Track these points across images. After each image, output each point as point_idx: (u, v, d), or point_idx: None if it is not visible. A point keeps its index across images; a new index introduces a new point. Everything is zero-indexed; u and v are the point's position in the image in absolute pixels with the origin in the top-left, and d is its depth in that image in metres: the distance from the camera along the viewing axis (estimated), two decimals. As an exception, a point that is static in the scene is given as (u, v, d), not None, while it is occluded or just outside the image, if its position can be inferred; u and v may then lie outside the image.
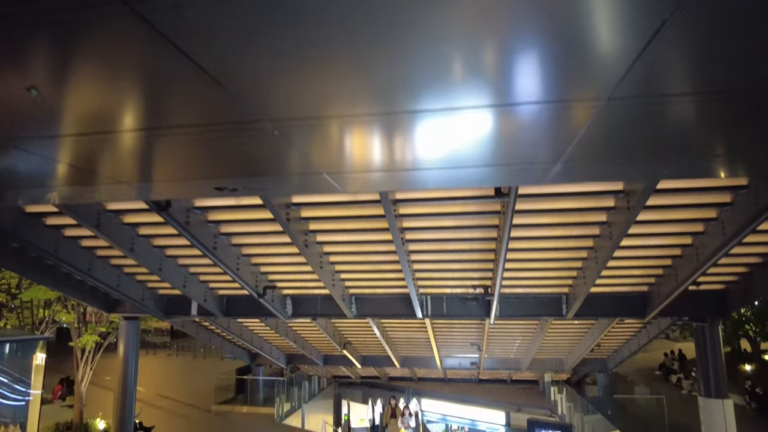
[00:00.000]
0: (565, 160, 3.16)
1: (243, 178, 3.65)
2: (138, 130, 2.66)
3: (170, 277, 10.29)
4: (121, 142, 2.84)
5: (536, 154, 3.13)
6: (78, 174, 3.38)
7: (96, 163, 3.29)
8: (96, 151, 3.05)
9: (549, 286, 10.70)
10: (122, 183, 3.69)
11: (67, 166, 3.35)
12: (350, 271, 10.55)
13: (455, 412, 14.24)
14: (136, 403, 17.86)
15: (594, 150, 3.01)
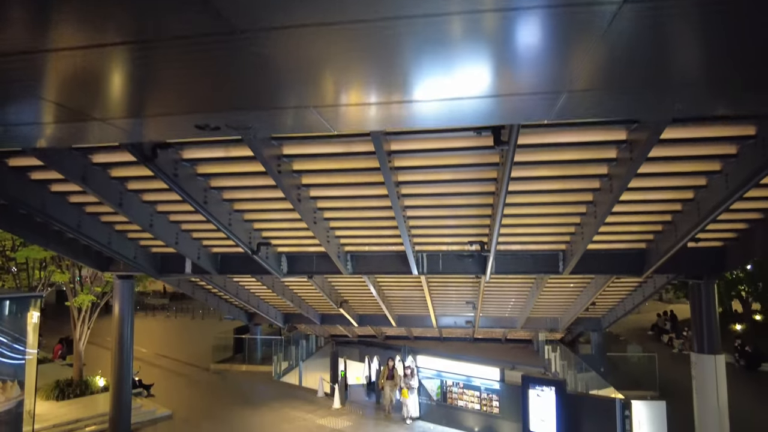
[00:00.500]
0: (572, 89, 2.92)
1: (224, 112, 3.40)
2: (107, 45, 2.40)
3: (162, 233, 10.12)
4: (90, 61, 2.58)
5: (541, 82, 2.89)
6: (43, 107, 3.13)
7: (64, 92, 3.04)
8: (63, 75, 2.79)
9: (546, 243, 10.59)
10: (94, 119, 3.44)
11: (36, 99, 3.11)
12: (345, 228, 10.39)
13: (450, 369, 14.37)
14: (134, 361, 18.12)
15: (604, 75, 2.77)
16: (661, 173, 7.65)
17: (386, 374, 15.31)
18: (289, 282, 15.93)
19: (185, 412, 15.17)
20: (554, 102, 3.24)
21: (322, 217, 9.69)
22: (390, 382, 15.15)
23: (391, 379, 15.16)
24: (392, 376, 15.18)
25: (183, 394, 17.25)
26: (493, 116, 3.67)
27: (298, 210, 8.59)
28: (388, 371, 15.31)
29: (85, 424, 13.59)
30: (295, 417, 14.80)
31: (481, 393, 13.57)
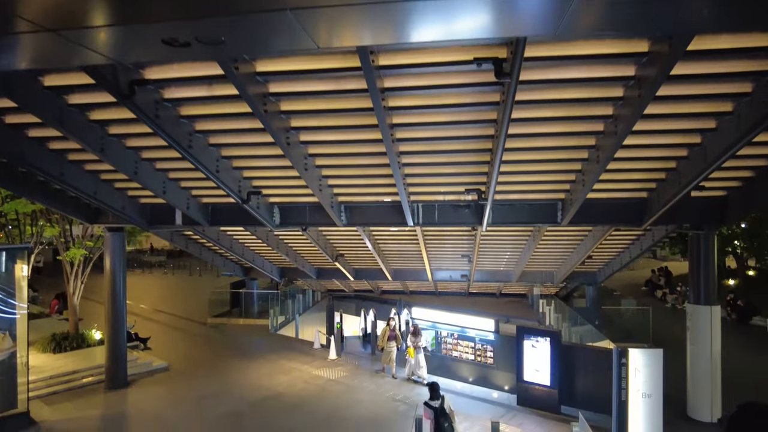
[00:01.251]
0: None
1: (194, 21, 3.00)
2: None
3: (148, 181, 9.77)
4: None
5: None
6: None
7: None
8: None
9: (545, 192, 10.30)
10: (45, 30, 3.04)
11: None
12: (338, 176, 10.05)
13: (445, 320, 14.38)
14: (129, 316, 18.12)
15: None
16: (668, 114, 7.28)
17: (386, 335, 14.02)
18: (283, 235, 15.74)
19: (182, 364, 15.28)
20: (564, 9, 2.86)
21: (314, 165, 9.34)
22: (391, 343, 13.96)
23: (392, 340, 13.97)
24: (394, 336, 13.99)
25: (180, 347, 17.36)
26: (495, 27, 3.27)
27: (288, 156, 8.23)
28: (390, 331, 13.98)
29: (81, 376, 13.63)
30: (291, 368, 14.92)
31: (476, 344, 13.64)
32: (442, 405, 8.05)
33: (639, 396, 7.42)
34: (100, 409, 11.75)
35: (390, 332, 13.94)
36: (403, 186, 9.65)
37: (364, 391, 13.06)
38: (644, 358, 7.41)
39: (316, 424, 10.85)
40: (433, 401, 8.09)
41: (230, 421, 10.98)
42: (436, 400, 8.10)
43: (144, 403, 12.03)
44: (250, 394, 12.66)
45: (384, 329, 14.16)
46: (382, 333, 14.10)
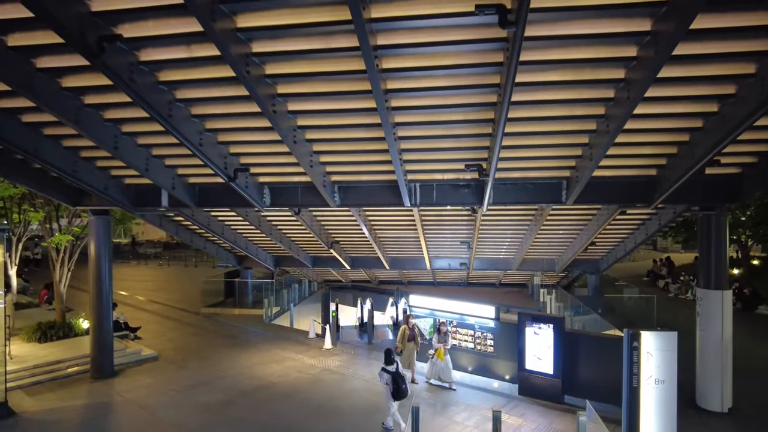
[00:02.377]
0: None
1: None
2: None
3: (129, 157, 9.22)
4: None
5: None
6: None
7: None
8: None
9: (549, 168, 9.78)
10: None
11: None
12: (330, 152, 9.49)
13: (443, 307, 13.87)
14: (119, 306, 17.67)
15: None
16: (684, 78, 6.75)
17: (407, 335, 12.23)
18: (276, 219, 15.21)
19: (172, 354, 14.79)
20: None
21: (303, 138, 8.79)
22: (411, 345, 12.26)
23: (412, 340, 12.30)
24: (413, 336, 12.33)
25: (171, 336, 16.86)
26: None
27: (276, 127, 7.67)
28: (409, 331, 12.28)
29: (66, 365, 13.12)
30: (285, 357, 14.44)
31: (475, 331, 13.14)
32: (397, 369, 9.12)
33: (651, 382, 6.92)
34: (83, 399, 11.26)
35: (409, 331, 12.30)
36: (400, 163, 9.11)
37: (360, 379, 12.58)
38: (657, 341, 6.91)
39: (308, 413, 10.37)
40: (389, 366, 9.12)
41: (218, 411, 10.50)
42: (391, 365, 9.13)
43: (130, 393, 11.54)
44: (241, 384, 12.18)
45: (402, 329, 12.41)
46: (401, 333, 12.36)
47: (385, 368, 9.12)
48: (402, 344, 12.23)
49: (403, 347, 12.22)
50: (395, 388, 8.87)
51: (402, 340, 12.26)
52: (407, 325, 12.44)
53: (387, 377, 8.99)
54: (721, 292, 10.44)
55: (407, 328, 12.33)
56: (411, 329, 12.37)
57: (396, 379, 8.89)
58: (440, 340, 12.07)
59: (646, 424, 6.96)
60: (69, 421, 9.98)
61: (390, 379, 8.93)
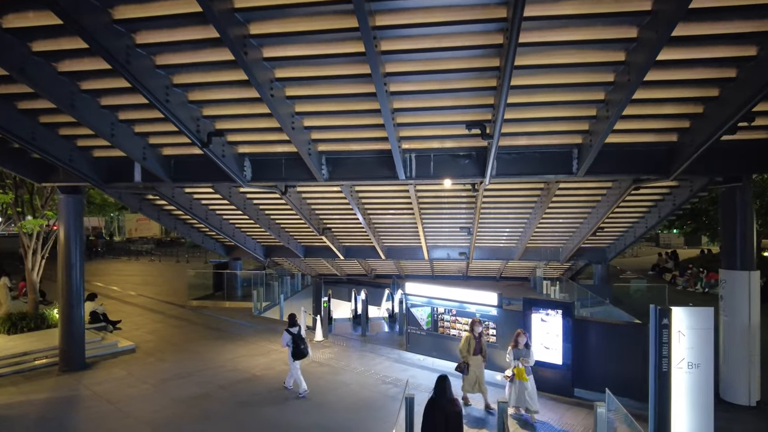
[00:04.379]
0: None
1: None
2: None
3: (90, 119, 8.23)
4: None
5: None
6: None
7: None
8: None
9: (559, 134, 8.81)
10: None
11: None
12: (315, 113, 8.48)
13: (442, 295, 12.88)
14: (106, 300, 16.66)
15: None
16: (721, 8, 5.78)
17: (472, 345, 9.33)
18: (261, 201, 14.20)
19: (151, 346, 13.79)
20: None
21: (284, 96, 7.80)
22: (477, 358, 9.33)
23: (479, 353, 9.36)
24: (481, 348, 9.38)
25: (154, 328, 15.85)
26: None
27: (251, 77, 6.69)
28: (475, 341, 9.34)
29: (34, 357, 12.12)
30: (272, 350, 13.44)
31: (477, 321, 12.16)
32: (299, 332, 9.85)
33: (684, 366, 5.93)
34: (47, 393, 10.26)
35: (475, 341, 9.33)
36: (393, 127, 8.15)
37: (351, 372, 11.59)
38: (691, 318, 5.93)
39: (291, 407, 9.38)
40: (293, 328, 9.87)
41: (192, 405, 9.50)
42: (294, 327, 9.89)
43: (99, 387, 10.54)
44: (222, 377, 11.18)
45: (466, 337, 9.44)
46: (464, 342, 9.41)
47: (289, 330, 9.83)
48: (467, 355, 9.33)
49: (469, 360, 9.29)
50: (295, 348, 9.65)
51: (466, 352, 9.36)
52: (472, 332, 9.44)
53: (288, 338, 9.75)
54: (748, 273, 9.47)
55: (472, 336, 9.38)
56: (478, 338, 9.37)
57: (296, 341, 9.68)
58: (517, 355, 8.86)
59: (678, 416, 5.97)
60: (25, 417, 8.97)
61: (291, 341, 9.71)
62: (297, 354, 9.69)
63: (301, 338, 9.77)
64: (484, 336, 9.69)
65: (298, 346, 9.66)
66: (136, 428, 8.47)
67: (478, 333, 9.42)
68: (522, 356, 8.85)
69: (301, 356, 9.72)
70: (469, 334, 9.46)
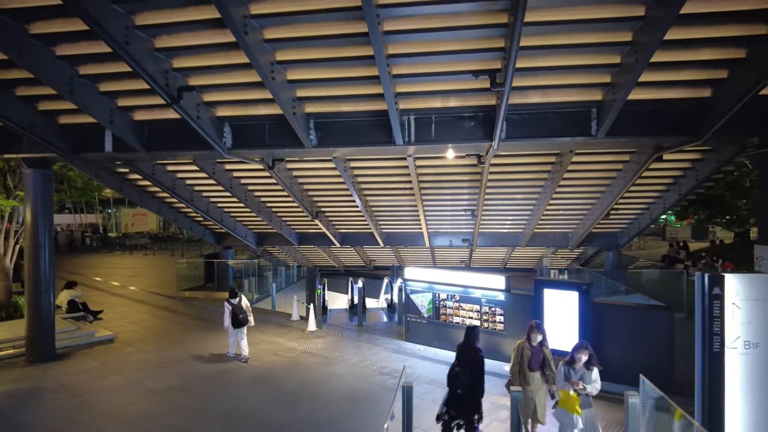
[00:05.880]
0: None
1: None
2: None
3: (45, 71, 7.21)
4: None
5: None
6: None
7: None
8: None
9: (577, 88, 7.77)
10: None
11: None
12: (299, 62, 7.41)
13: (444, 279, 11.85)
14: (77, 285, 15.66)
15: None
16: None
17: (526, 357, 6.71)
18: (249, 179, 13.15)
19: (132, 336, 12.80)
20: None
21: (261, 39, 6.77)
22: (536, 375, 6.71)
23: (538, 369, 6.72)
24: (543, 363, 6.73)
25: (137, 319, 14.84)
26: None
27: (222, 10, 5.67)
28: (530, 351, 6.71)
29: (0, 348, 11.16)
30: (261, 340, 12.43)
31: (482, 307, 11.13)
32: (239, 303, 10.63)
33: (739, 346, 4.88)
34: (7, 384, 9.27)
35: (530, 351, 6.72)
36: (389, 80, 7.12)
37: (345, 363, 10.59)
38: (748, 287, 4.88)
39: (275, 400, 8.38)
40: (234, 299, 10.65)
41: (166, 398, 8.51)
42: (234, 298, 10.67)
43: (67, 378, 9.55)
44: (202, 368, 10.20)
45: (518, 345, 6.86)
46: (515, 354, 6.84)
47: (229, 300, 10.67)
48: (516, 374, 6.78)
49: (522, 381, 6.72)
50: (234, 318, 10.54)
51: (517, 369, 6.77)
52: (528, 339, 6.74)
53: (230, 308, 10.60)
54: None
55: (527, 345, 6.73)
56: (537, 348, 6.70)
57: (235, 311, 10.54)
58: (568, 374, 6.04)
59: (732, 406, 4.93)
60: (-24, 410, 7.99)
61: (231, 310, 10.56)
62: (236, 323, 10.58)
63: (240, 308, 10.60)
64: (547, 347, 6.85)
65: (237, 315, 10.52)
66: (97, 423, 7.47)
67: (538, 342, 6.71)
68: (576, 378, 5.96)
69: (239, 325, 10.59)
70: (523, 342, 6.83)
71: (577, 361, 6.09)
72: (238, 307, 10.59)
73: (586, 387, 5.87)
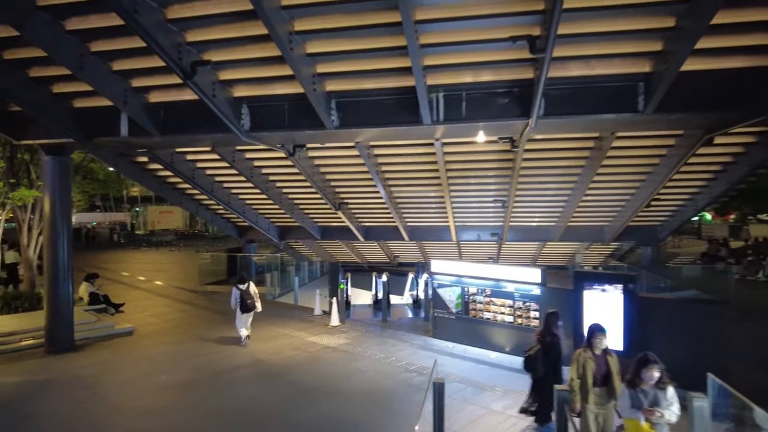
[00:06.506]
0: None
1: None
2: None
3: (49, 44, 6.85)
4: None
5: None
6: None
7: None
8: None
9: (623, 58, 7.02)
10: None
11: None
12: (319, 32, 6.84)
13: (474, 272, 11.19)
14: (98, 277, 15.56)
15: None
16: None
17: (590, 369, 5.38)
18: (271, 171, 12.74)
19: (150, 329, 12.53)
20: None
21: (279, 6, 6.25)
22: (602, 391, 5.44)
23: (603, 385, 5.43)
24: (606, 375, 5.41)
25: (158, 312, 14.61)
26: None
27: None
28: (594, 360, 5.43)
29: (20, 337, 10.98)
30: (281, 334, 12.01)
31: (515, 301, 10.44)
32: (248, 288, 10.86)
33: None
34: (23, 375, 9.03)
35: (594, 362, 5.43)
36: (417, 50, 6.53)
37: (368, 359, 10.04)
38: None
39: (293, 397, 7.88)
40: (242, 285, 10.90)
41: (178, 392, 8.11)
42: (243, 284, 10.92)
43: (82, 370, 9.26)
44: (219, 362, 9.79)
45: (577, 355, 5.54)
46: (575, 365, 5.50)
47: (238, 286, 10.93)
48: (577, 388, 5.41)
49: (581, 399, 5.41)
50: (242, 302, 10.77)
51: (578, 385, 5.40)
52: (590, 346, 5.46)
53: (237, 293, 10.84)
54: None
55: (589, 354, 5.42)
56: (601, 356, 5.43)
57: (243, 296, 10.79)
58: (637, 400, 4.72)
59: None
60: (-13, 400, 7.73)
61: (239, 296, 10.80)
62: (243, 308, 10.82)
63: (248, 293, 10.81)
64: (612, 354, 5.46)
65: (245, 300, 10.75)
66: (106, 417, 7.09)
67: (603, 349, 5.41)
68: (648, 403, 4.63)
69: (247, 310, 10.84)
70: (583, 350, 5.46)
71: (646, 381, 4.69)
72: (246, 292, 10.78)
73: (664, 413, 4.52)
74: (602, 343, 5.46)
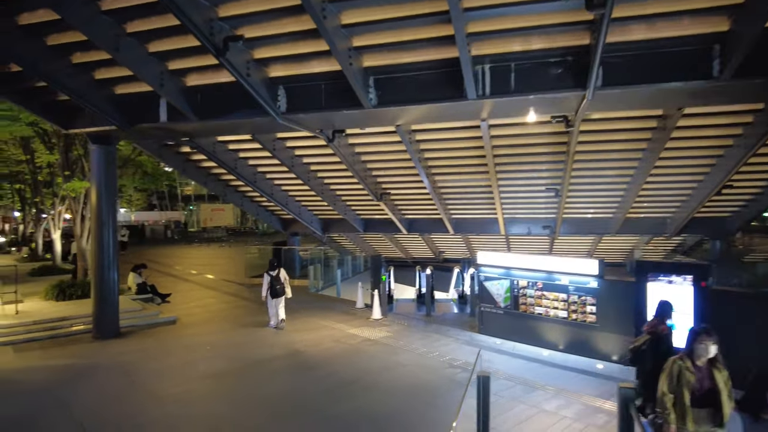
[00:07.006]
0: None
1: None
2: None
3: (86, 26, 6.79)
4: None
5: None
6: None
7: None
8: None
9: (694, 16, 6.17)
10: None
11: None
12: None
13: (524, 264, 10.45)
14: (146, 267, 15.88)
15: None
16: None
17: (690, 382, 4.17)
18: (312, 160, 12.49)
19: (194, 319, 12.58)
20: None
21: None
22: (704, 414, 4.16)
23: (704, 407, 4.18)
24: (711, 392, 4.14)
25: (203, 303, 14.72)
26: None
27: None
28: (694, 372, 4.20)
29: (71, 323, 11.28)
30: (322, 326, 11.73)
31: (569, 295, 9.64)
32: (278, 274, 11.16)
33: None
34: (69, 359, 9.16)
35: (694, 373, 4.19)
36: (461, 14, 5.98)
37: (410, 353, 9.55)
38: None
39: (331, 389, 7.50)
40: (272, 271, 11.20)
41: (214, 381, 7.93)
42: (273, 270, 11.21)
43: (123, 356, 9.30)
44: (258, 352, 9.58)
45: (671, 364, 4.31)
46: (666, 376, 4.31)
47: (268, 272, 11.24)
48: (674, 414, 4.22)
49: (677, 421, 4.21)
50: (272, 288, 11.11)
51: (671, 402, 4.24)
52: (690, 355, 4.26)
53: (268, 279, 11.16)
54: None
55: (688, 364, 4.23)
56: (705, 368, 4.20)
57: (272, 282, 11.11)
58: None
59: None
60: (25, 384, 7.82)
61: (269, 281, 11.12)
62: (273, 293, 11.16)
63: (278, 279, 11.12)
64: (722, 368, 4.20)
65: (274, 286, 11.09)
66: (140, 405, 6.95)
67: (706, 360, 4.21)
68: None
69: (276, 295, 11.18)
70: (679, 359, 4.31)
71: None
72: (275, 278, 11.10)
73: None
74: (708, 350, 4.15)
